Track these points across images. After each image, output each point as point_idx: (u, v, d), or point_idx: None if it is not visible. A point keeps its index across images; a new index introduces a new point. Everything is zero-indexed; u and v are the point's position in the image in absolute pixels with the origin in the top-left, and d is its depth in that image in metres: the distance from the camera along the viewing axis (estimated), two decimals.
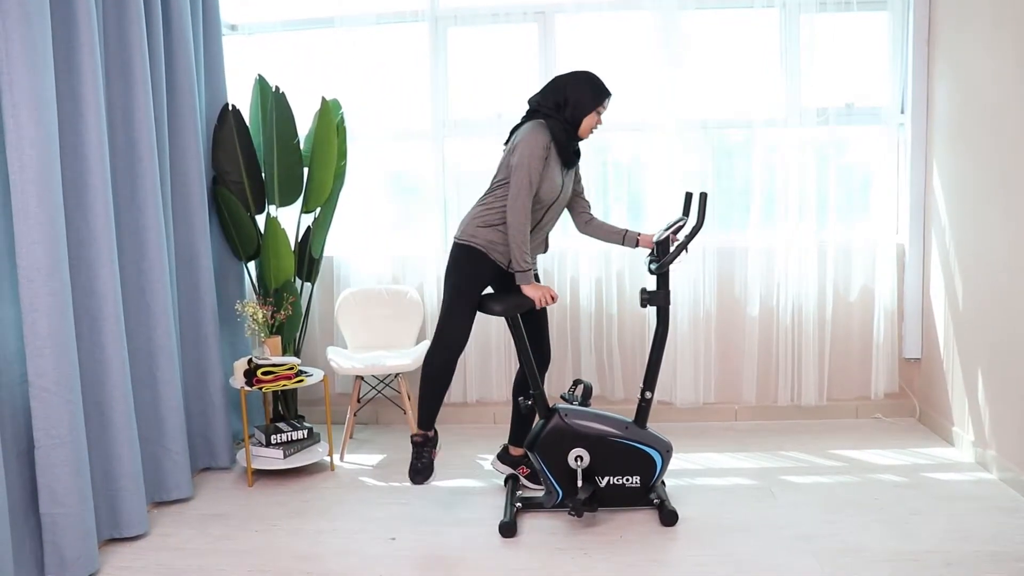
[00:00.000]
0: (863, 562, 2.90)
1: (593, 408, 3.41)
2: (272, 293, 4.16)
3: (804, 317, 4.44)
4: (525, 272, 3.21)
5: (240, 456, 3.97)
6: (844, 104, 4.38)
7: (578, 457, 3.27)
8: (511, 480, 3.62)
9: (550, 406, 3.36)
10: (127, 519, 3.20)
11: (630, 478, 3.31)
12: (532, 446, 3.31)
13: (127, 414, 3.16)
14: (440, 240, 4.55)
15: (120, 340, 3.13)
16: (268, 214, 4.15)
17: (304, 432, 4.01)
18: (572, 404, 3.42)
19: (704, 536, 3.15)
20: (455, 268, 3.30)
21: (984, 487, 3.54)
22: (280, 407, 4.32)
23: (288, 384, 3.84)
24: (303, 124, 4.25)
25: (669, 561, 2.97)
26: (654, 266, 3.32)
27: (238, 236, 4.16)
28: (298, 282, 4.33)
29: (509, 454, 3.66)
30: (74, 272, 2.99)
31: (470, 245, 3.26)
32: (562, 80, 3.31)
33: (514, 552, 3.08)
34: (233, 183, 4.09)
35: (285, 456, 3.89)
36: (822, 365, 4.49)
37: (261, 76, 4.26)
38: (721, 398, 4.60)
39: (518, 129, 3.32)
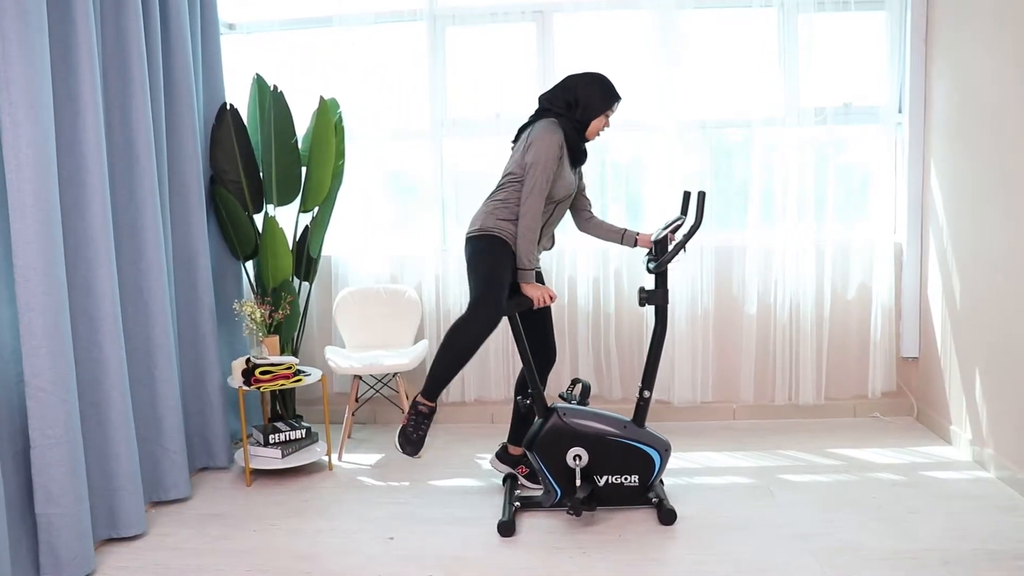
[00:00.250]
0: (861, 561, 2.90)
1: (591, 407, 3.41)
2: (270, 292, 4.16)
3: (802, 316, 4.44)
4: (527, 271, 3.21)
5: (238, 456, 3.97)
6: (842, 103, 4.38)
7: (576, 456, 3.26)
8: (509, 479, 3.62)
9: (548, 405, 3.36)
10: (125, 519, 3.19)
11: (628, 477, 3.31)
12: (531, 445, 3.31)
13: (125, 413, 3.16)
14: (438, 240, 4.55)
15: (118, 339, 3.12)
16: (266, 213, 4.15)
17: (302, 432, 4.01)
18: (570, 403, 3.42)
19: (703, 535, 3.15)
20: (483, 255, 3.21)
21: (982, 485, 3.54)
22: (278, 407, 4.31)
23: (286, 384, 3.83)
24: (301, 123, 4.25)
25: (668, 560, 2.96)
26: (652, 265, 3.33)
27: (236, 235, 4.15)
28: (296, 281, 4.33)
29: (508, 453, 3.66)
30: (72, 271, 2.99)
31: (493, 235, 3.20)
32: (574, 80, 3.31)
33: (513, 551, 3.08)
34: (231, 182, 4.09)
35: (283, 456, 3.89)
36: (820, 364, 4.49)
37: (259, 75, 4.26)
38: (719, 397, 4.60)
39: (529, 127, 3.31)
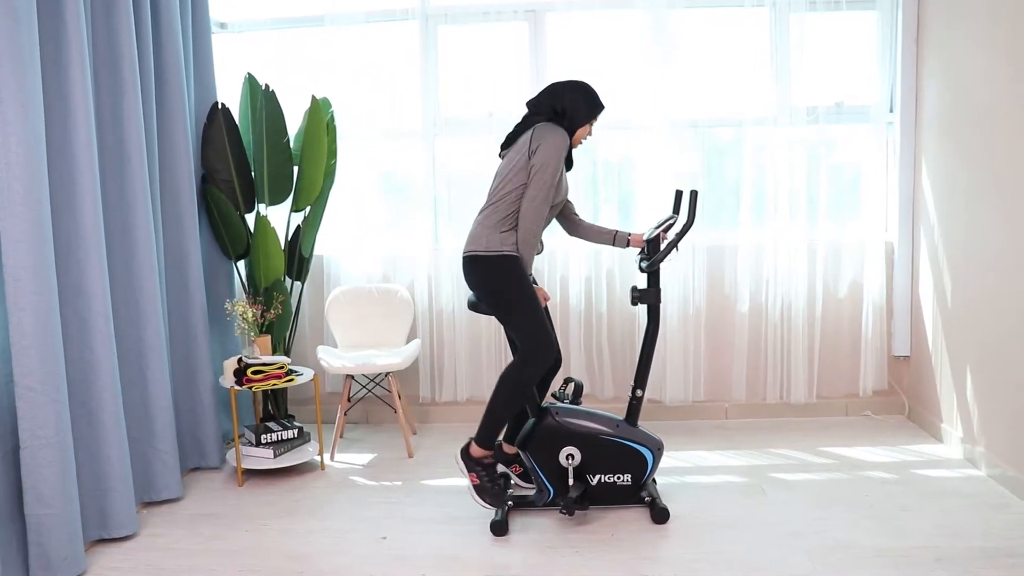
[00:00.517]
0: (853, 558, 2.91)
1: (584, 406, 3.41)
2: (262, 292, 4.14)
3: (794, 315, 4.45)
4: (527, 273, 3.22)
5: (230, 456, 3.95)
6: (834, 103, 4.39)
7: (569, 455, 3.27)
8: (503, 478, 3.61)
9: (541, 405, 3.36)
10: (116, 519, 3.18)
11: (621, 476, 3.31)
12: (523, 445, 3.31)
13: (116, 414, 3.15)
14: (430, 239, 4.54)
15: (109, 339, 3.11)
16: (258, 213, 4.14)
17: (294, 432, 4.00)
18: (563, 402, 3.42)
19: (695, 534, 3.15)
20: (501, 280, 3.20)
21: (973, 483, 3.55)
22: (270, 406, 4.30)
23: (278, 383, 3.82)
24: (293, 122, 4.23)
25: (661, 559, 2.97)
26: (644, 264, 3.33)
27: (228, 235, 4.14)
28: (288, 281, 4.32)
29: (502, 451, 3.64)
30: (62, 271, 2.97)
31: (504, 254, 3.17)
32: (560, 88, 3.28)
33: (506, 550, 3.08)
34: (223, 182, 4.08)
35: (275, 456, 3.88)
36: (811, 363, 4.50)
37: (251, 74, 4.25)
38: (711, 396, 4.60)
39: (521, 133, 3.26)
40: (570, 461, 3.26)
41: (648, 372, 3.40)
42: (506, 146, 3.36)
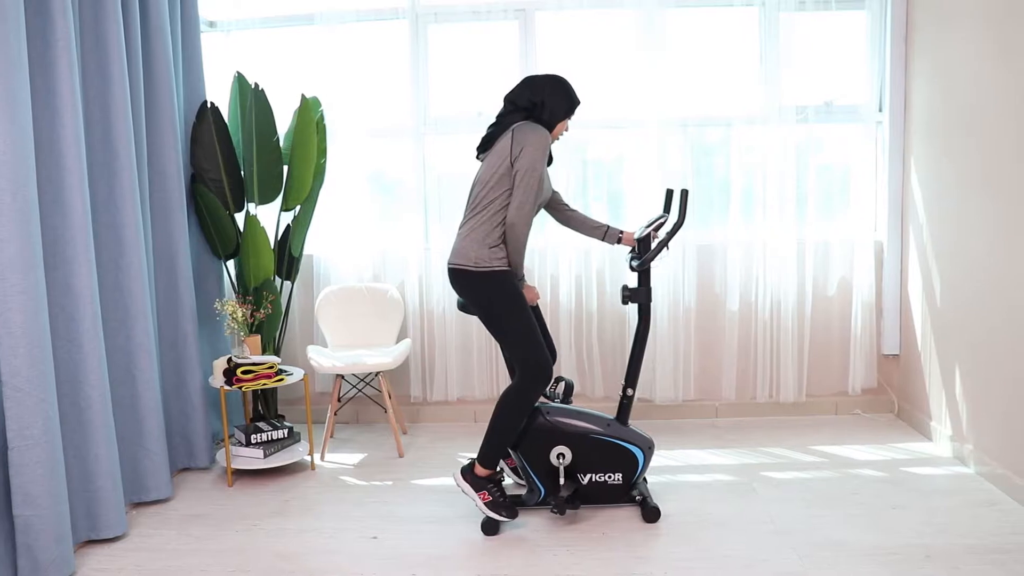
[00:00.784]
0: (844, 556, 2.92)
1: (575, 405, 3.41)
2: (252, 291, 4.13)
3: (783, 314, 4.47)
4: (520, 281, 3.23)
5: (220, 456, 3.94)
6: (823, 102, 4.41)
7: (560, 455, 3.26)
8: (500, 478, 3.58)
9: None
10: (105, 520, 3.16)
11: (612, 475, 3.31)
12: (515, 444, 3.31)
13: (105, 414, 3.13)
14: (421, 238, 4.54)
15: (98, 339, 3.09)
16: (247, 212, 4.12)
17: (284, 431, 3.98)
18: (554, 402, 3.42)
19: (686, 532, 3.16)
20: (492, 296, 3.17)
21: (962, 481, 3.57)
22: (260, 406, 4.29)
23: (268, 383, 3.81)
24: (283, 121, 4.22)
25: (652, 558, 2.97)
26: (635, 263, 3.33)
27: (217, 234, 4.12)
28: (278, 280, 4.30)
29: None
30: (51, 270, 2.95)
31: (494, 270, 3.15)
32: (539, 82, 3.24)
33: (497, 550, 3.08)
34: (212, 181, 4.06)
35: (265, 456, 3.86)
36: (801, 362, 4.52)
37: (240, 73, 4.23)
38: (701, 395, 4.61)
39: (498, 136, 3.21)
40: (561, 460, 3.26)
41: (639, 371, 3.40)
42: (483, 148, 3.31)
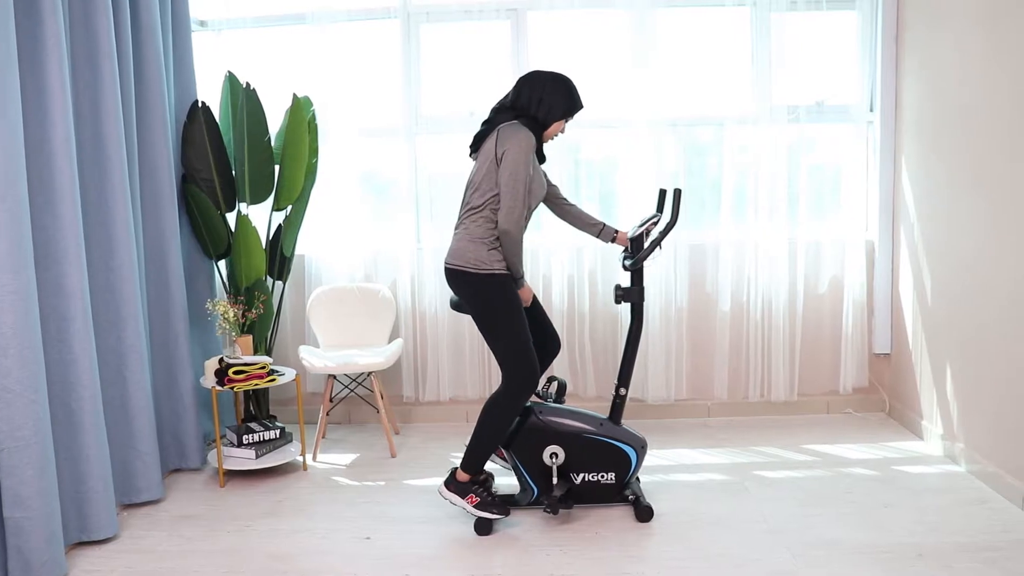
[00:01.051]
0: (836, 555, 2.93)
1: (567, 405, 3.41)
2: (243, 292, 4.12)
3: (775, 314, 4.48)
4: (519, 282, 3.21)
5: (211, 457, 3.93)
6: (814, 102, 4.42)
7: (553, 454, 3.26)
8: (488, 476, 3.58)
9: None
10: (96, 522, 3.15)
11: (605, 474, 3.31)
12: (507, 444, 3.31)
13: (96, 414, 3.11)
14: (413, 238, 4.53)
15: (88, 339, 3.08)
16: (239, 212, 4.11)
17: (276, 432, 3.97)
18: (546, 401, 3.41)
19: (679, 531, 3.16)
20: (489, 299, 3.17)
21: (953, 479, 3.58)
22: (251, 407, 4.28)
23: (260, 383, 3.80)
24: (274, 121, 4.21)
25: (645, 557, 2.97)
26: (628, 262, 3.33)
27: (208, 234, 4.11)
28: (269, 280, 4.29)
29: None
30: (41, 270, 2.94)
31: (494, 273, 3.14)
32: (541, 78, 3.22)
33: (490, 550, 3.07)
34: (203, 181, 4.04)
35: (257, 456, 3.85)
36: (793, 361, 4.53)
37: (231, 73, 4.21)
38: (693, 394, 4.62)
39: (487, 135, 3.20)
40: (554, 460, 3.26)
41: (632, 370, 3.40)
42: (475, 148, 3.31)
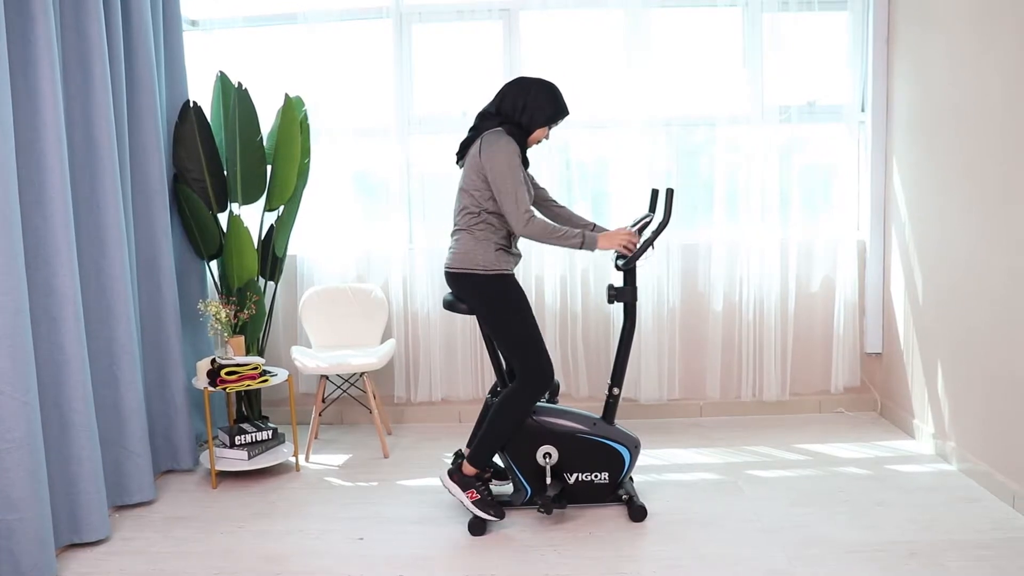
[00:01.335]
0: (829, 553, 2.94)
1: (560, 405, 3.41)
2: (235, 292, 4.10)
3: (767, 314, 4.49)
4: (588, 237, 3.17)
5: (203, 458, 3.91)
6: (806, 102, 4.43)
7: (546, 454, 3.26)
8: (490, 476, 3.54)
9: None
10: (87, 524, 3.13)
11: (599, 474, 3.31)
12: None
13: (87, 416, 3.10)
14: (405, 238, 4.52)
15: (80, 340, 3.06)
16: (231, 212, 4.10)
17: (269, 433, 3.96)
18: (540, 401, 3.41)
19: (673, 531, 3.16)
20: (497, 299, 3.19)
21: (944, 478, 3.60)
22: (244, 408, 4.26)
23: (252, 384, 3.79)
24: (266, 121, 4.19)
25: (639, 556, 2.97)
26: (621, 262, 3.33)
27: (200, 235, 4.10)
28: (261, 281, 4.27)
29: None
30: (32, 271, 2.92)
31: (502, 273, 3.18)
32: (526, 83, 3.23)
33: (484, 550, 3.07)
34: (195, 181, 4.03)
35: (250, 457, 3.84)
36: (785, 361, 4.54)
37: (223, 73, 4.20)
38: (685, 394, 4.62)
39: (473, 142, 3.22)
40: (547, 460, 3.26)
41: (625, 370, 3.40)
42: (461, 155, 3.33)
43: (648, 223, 3.40)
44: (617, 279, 3.52)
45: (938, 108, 3.79)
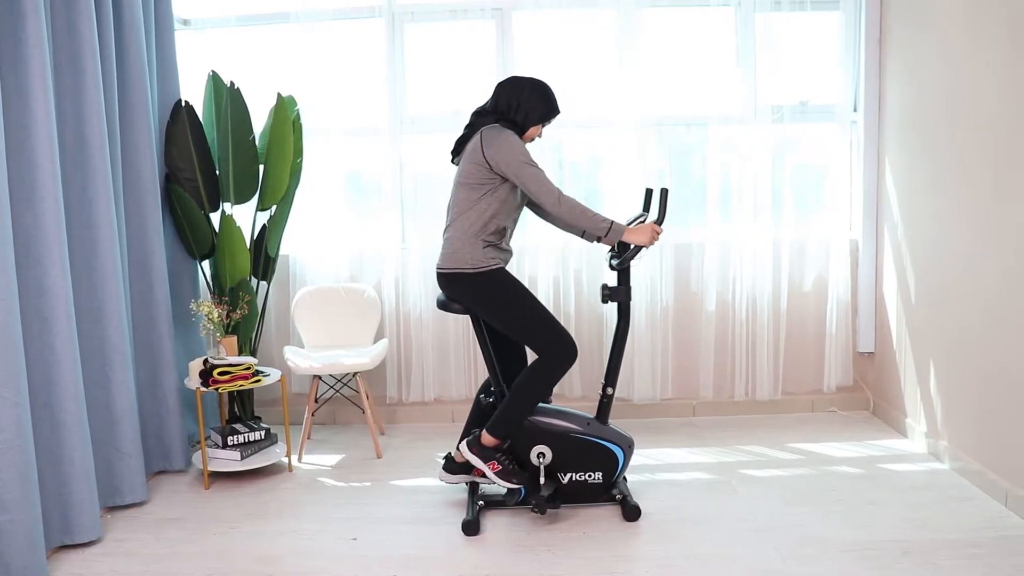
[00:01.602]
0: (823, 552, 2.94)
1: (554, 405, 3.41)
2: (227, 292, 4.09)
3: (760, 313, 4.49)
4: (616, 227, 3.16)
5: (196, 458, 3.90)
6: (799, 102, 4.44)
7: (540, 454, 3.26)
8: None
9: None
10: (79, 525, 3.11)
11: (592, 474, 3.31)
12: None
13: (79, 416, 3.08)
14: (397, 238, 4.52)
15: (72, 340, 3.05)
16: (223, 212, 4.08)
17: (261, 433, 3.95)
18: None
19: (667, 530, 3.16)
20: (492, 295, 3.21)
21: (937, 476, 3.61)
22: (236, 408, 4.25)
23: (245, 384, 3.77)
24: (258, 120, 4.18)
25: (633, 556, 2.97)
26: (615, 262, 3.33)
27: (192, 234, 4.08)
28: (254, 281, 4.26)
29: (455, 462, 3.48)
30: (23, 270, 2.90)
31: (491, 269, 3.18)
32: (520, 83, 3.26)
33: (478, 550, 3.07)
34: (187, 180, 4.01)
35: (242, 457, 3.83)
36: (777, 360, 4.54)
37: (215, 72, 4.18)
38: (679, 394, 4.63)
39: (469, 139, 3.23)
40: (541, 460, 3.26)
41: (619, 370, 3.40)
42: (456, 152, 3.33)
43: (642, 223, 3.40)
44: (610, 279, 3.53)
45: (930, 108, 3.80)
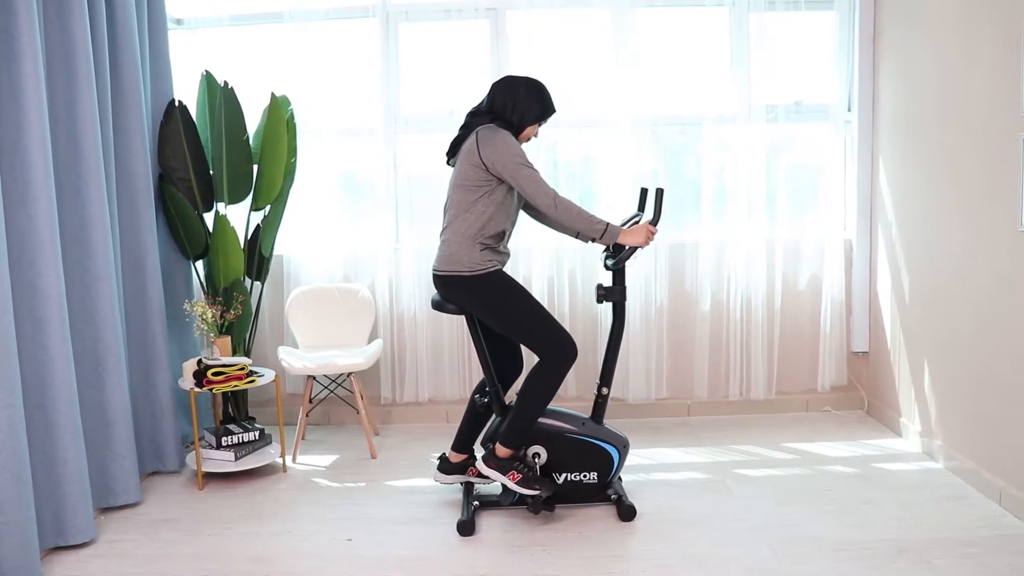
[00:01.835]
0: (817, 552, 2.95)
1: (550, 405, 3.40)
2: (221, 292, 4.08)
3: (754, 313, 4.50)
4: (611, 228, 3.16)
5: (190, 459, 3.88)
6: (793, 101, 4.45)
7: (536, 454, 3.26)
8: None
9: (506, 403, 3.35)
10: (72, 526, 3.10)
11: (588, 474, 3.31)
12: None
13: (72, 417, 3.07)
14: (391, 238, 4.51)
15: (65, 341, 3.03)
16: (217, 212, 4.07)
17: (255, 434, 3.94)
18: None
19: (662, 530, 3.17)
20: (489, 297, 3.19)
21: (931, 476, 3.62)
22: (230, 408, 4.24)
23: (239, 385, 3.76)
24: (252, 120, 4.17)
25: (628, 556, 2.97)
26: (610, 262, 3.33)
27: (186, 234, 4.07)
28: (248, 281, 4.25)
29: (450, 462, 3.50)
30: (17, 271, 2.89)
31: (488, 271, 3.16)
32: (515, 82, 3.25)
33: (473, 551, 3.06)
34: (180, 180, 4.00)
35: (236, 458, 3.82)
36: (772, 360, 4.55)
37: (208, 72, 4.17)
38: (673, 394, 4.63)
39: (465, 139, 3.22)
40: (537, 460, 3.26)
41: (614, 369, 3.40)
42: (452, 153, 3.32)
43: (637, 223, 3.39)
44: (605, 279, 3.52)
45: (924, 108, 3.81)
